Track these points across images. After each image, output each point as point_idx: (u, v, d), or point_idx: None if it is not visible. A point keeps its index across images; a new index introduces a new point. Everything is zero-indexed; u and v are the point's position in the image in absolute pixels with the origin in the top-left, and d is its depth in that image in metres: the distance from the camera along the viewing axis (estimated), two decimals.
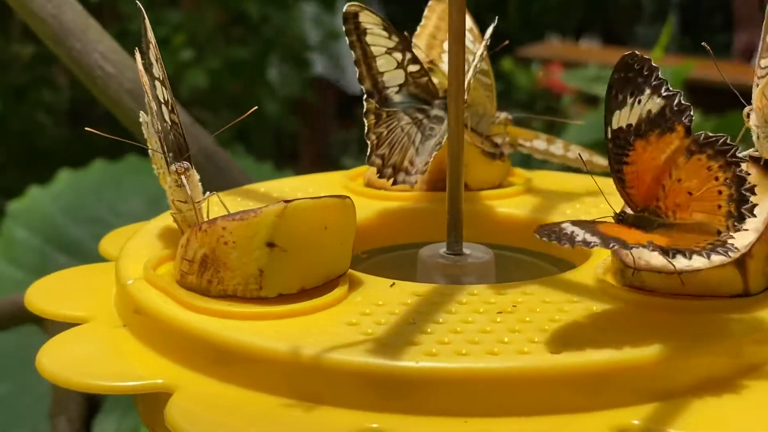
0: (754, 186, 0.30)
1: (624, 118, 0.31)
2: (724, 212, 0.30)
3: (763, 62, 0.32)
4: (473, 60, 0.40)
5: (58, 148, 1.71)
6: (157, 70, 0.35)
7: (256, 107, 0.36)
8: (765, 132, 0.32)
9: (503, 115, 0.43)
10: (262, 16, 1.89)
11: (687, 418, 0.28)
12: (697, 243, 0.30)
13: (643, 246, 0.29)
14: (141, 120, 0.35)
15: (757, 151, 0.33)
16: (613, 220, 0.32)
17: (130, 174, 1.18)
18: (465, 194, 0.38)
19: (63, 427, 0.70)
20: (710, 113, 1.35)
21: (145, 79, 0.35)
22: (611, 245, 0.29)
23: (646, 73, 0.31)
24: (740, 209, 0.30)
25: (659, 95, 0.31)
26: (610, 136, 0.31)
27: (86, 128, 0.34)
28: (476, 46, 0.43)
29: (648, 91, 0.31)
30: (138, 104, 0.55)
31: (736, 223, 0.30)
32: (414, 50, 0.41)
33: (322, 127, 2.23)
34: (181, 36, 1.80)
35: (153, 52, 0.35)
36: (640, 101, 0.31)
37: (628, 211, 0.32)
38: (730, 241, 0.30)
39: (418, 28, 0.44)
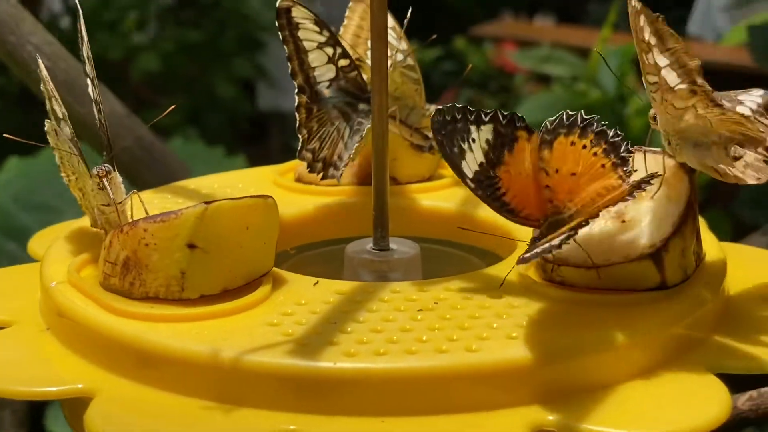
0: (628, 143, 0.31)
1: (472, 162, 0.32)
2: (610, 166, 0.31)
3: (650, 78, 0.32)
4: (393, 54, 0.40)
5: (9, 134, 1.69)
6: (89, 68, 0.35)
7: (174, 106, 0.36)
8: (677, 141, 0.33)
9: (433, 107, 0.43)
10: None
11: (603, 413, 0.28)
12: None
13: (564, 239, 0.29)
14: (46, 129, 0.35)
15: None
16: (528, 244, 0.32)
17: None
18: (395, 188, 0.38)
19: (8, 419, 0.69)
20: None
21: (50, 86, 0.34)
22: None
23: (460, 116, 0.31)
24: (620, 155, 0.31)
25: (484, 122, 0.32)
26: (473, 185, 0.32)
27: (4, 134, 0.34)
28: (400, 43, 0.43)
29: (474, 127, 0.31)
30: (72, 96, 0.54)
31: (625, 168, 0.31)
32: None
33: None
34: (131, 19, 1.78)
35: (85, 50, 0.35)
36: (474, 140, 0.31)
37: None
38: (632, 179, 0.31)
39: (342, 28, 0.44)
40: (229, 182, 0.43)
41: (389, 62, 0.39)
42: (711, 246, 0.35)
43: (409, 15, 0.40)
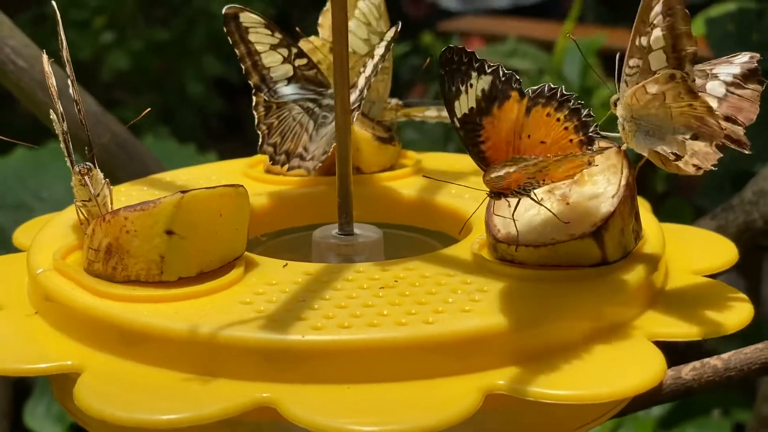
0: (597, 125, 0.34)
1: (464, 104, 0.34)
2: (577, 142, 0.34)
3: (632, 61, 0.34)
4: (374, 60, 0.42)
5: None
6: (69, 70, 0.37)
7: (149, 109, 0.38)
8: (631, 127, 0.35)
9: (394, 101, 0.46)
10: None
11: (548, 376, 0.31)
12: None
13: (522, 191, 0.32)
14: (51, 116, 0.37)
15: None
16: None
17: (52, 159, 1.19)
18: (358, 177, 0.41)
19: None
20: None
21: (52, 81, 0.37)
22: None
23: (466, 60, 0.33)
24: (588, 133, 0.34)
25: (485, 73, 0.34)
26: (458, 124, 0.34)
27: None
28: (380, 24, 0.45)
29: (474, 74, 0.34)
30: (48, 97, 0.56)
31: (589, 147, 0.34)
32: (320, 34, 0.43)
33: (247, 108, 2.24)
34: (101, 18, 1.80)
35: (65, 54, 0.37)
36: (471, 85, 0.34)
37: None
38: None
39: (318, 29, 0.46)
40: (202, 174, 0.45)
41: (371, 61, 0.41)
42: (651, 226, 0.38)
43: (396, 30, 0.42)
